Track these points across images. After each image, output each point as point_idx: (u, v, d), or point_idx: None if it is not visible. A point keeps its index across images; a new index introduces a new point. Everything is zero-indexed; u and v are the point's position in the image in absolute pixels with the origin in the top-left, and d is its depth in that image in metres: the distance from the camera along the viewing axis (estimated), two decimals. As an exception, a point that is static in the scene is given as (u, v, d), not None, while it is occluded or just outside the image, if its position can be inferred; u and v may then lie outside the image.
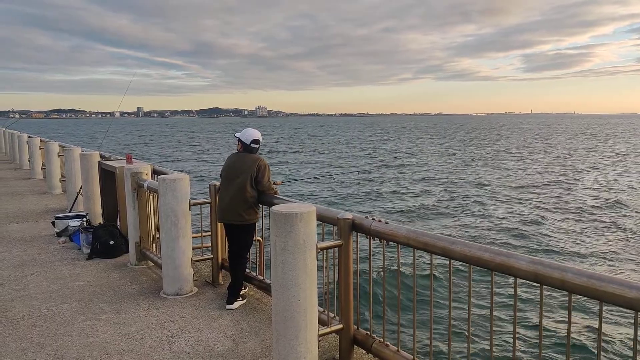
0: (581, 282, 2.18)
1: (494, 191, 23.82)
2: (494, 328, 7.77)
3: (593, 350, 7.33)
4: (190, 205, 4.89)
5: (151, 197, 5.68)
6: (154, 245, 5.80)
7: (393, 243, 3.22)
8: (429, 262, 2.97)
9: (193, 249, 5.13)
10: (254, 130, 4.76)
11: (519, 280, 2.49)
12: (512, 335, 2.72)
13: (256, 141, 4.71)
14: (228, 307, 4.52)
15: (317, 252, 3.23)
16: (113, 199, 7.07)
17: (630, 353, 7.25)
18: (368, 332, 3.55)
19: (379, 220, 3.36)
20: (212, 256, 5.28)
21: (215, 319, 4.27)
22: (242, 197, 4.50)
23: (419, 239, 3.05)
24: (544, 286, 2.37)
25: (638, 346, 2.10)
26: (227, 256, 5.23)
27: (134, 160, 6.93)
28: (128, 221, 6.07)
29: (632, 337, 2.17)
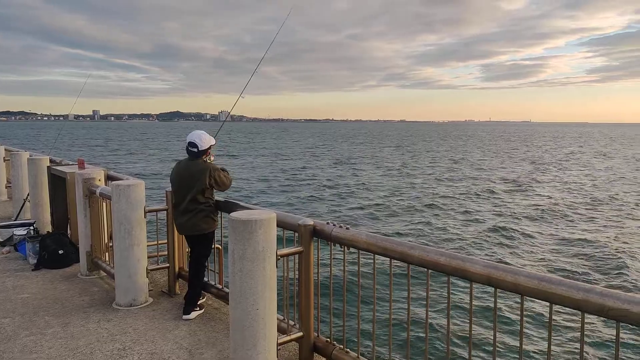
0: (532, 285, 2.23)
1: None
2: (451, 331, 7.93)
3: (544, 350, 7.56)
4: (145, 212, 4.73)
5: (104, 203, 5.46)
6: (107, 254, 5.57)
7: (354, 249, 3.22)
8: (396, 268, 2.98)
9: (149, 257, 4.96)
10: (196, 132, 4.49)
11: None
12: (468, 339, 2.76)
13: (193, 144, 4.39)
14: (185, 317, 4.39)
15: (277, 259, 3.19)
16: (63, 206, 6.76)
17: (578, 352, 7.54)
18: (328, 340, 3.52)
19: (340, 226, 3.35)
20: (168, 265, 5.12)
21: (171, 330, 4.14)
22: (197, 208, 4.35)
23: (379, 244, 3.06)
24: (498, 289, 2.42)
25: (585, 346, 2.16)
26: (184, 264, 5.09)
27: (86, 165, 6.66)
28: (79, 229, 5.81)
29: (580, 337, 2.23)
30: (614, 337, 2.09)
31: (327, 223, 3.41)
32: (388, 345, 3.30)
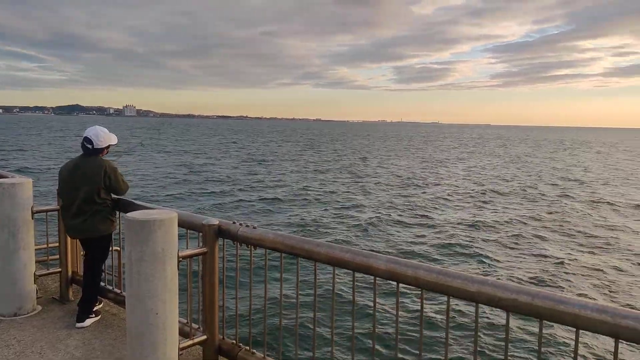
0: (431, 279, 2.32)
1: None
2: (356, 327, 8.13)
3: (442, 342, 8.00)
4: (33, 213, 4.31)
5: (-16, 204, 4.90)
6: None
7: (261, 248, 3.16)
8: (311, 267, 2.97)
9: (37, 262, 4.53)
10: (95, 127, 4.21)
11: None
12: (372, 334, 2.82)
13: (88, 140, 4.09)
14: (78, 325, 4.06)
15: (179, 261, 3.04)
16: None
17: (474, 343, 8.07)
18: (234, 341, 3.43)
19: (247, 225, 3.27)
20: (60, 269, 4.71)
21: (62, 340, 3.80)
22: (93, 209, 4.04)
23: (286, 243, 3.03)
24: (400, 283, 2.49)
25: (481, 336, 2.29)
26: (79, 268, 4.71)
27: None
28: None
29: (476, 328, 2.36)
30: (504, 326, 2.23)
31: (233, 222, 3.31)
32: (294, 345, 3.28)
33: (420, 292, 2.45)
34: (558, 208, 21.59)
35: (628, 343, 1.85)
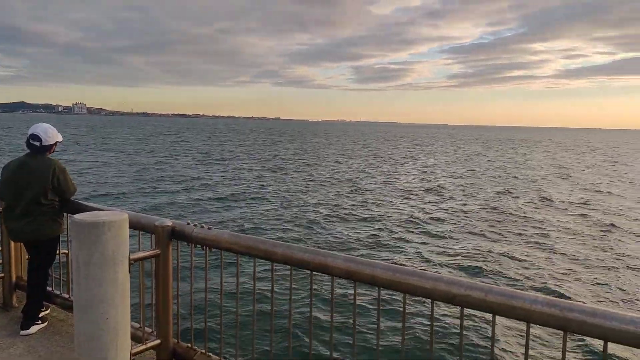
0: (387, 277, 2.33)
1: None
2: (314, 326, 8.13)
3: (399, 338, 8.06)
4: (-29, 215, 4.05)
5: None
6: None
7: (217, 249, 3.10)
8: (269, 268, 2.91)
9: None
10: (42, 124, 4.04)
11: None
12: (330, 333, 2.82)
13: (35, 137, 3.89)
14: (23, 332, 3.85)
15: (131, 264, 2.93)
16: None
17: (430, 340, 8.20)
18: (189, 345, 3.34)
19: (202, 226, 3.19)
20: (2, 275, 4.45)
21: (5, 349, 3.60)
22: (39, 210, 3.85)
23: (242, 243, 2.98)
24: (358, 282, 2.49)
25: (437, 333, 2.33)
26: (23, 273, 4.47)
27: None
28: None
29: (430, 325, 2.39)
30: (459, 323, 2.27)
31: (188, 223, 3.23)
32: (251, 346, 3.23)
33: (377, 290, 2.45)
34: (497, 203, 22.60)
35: (576, 335, 1.92)
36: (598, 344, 7.52)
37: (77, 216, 2.73)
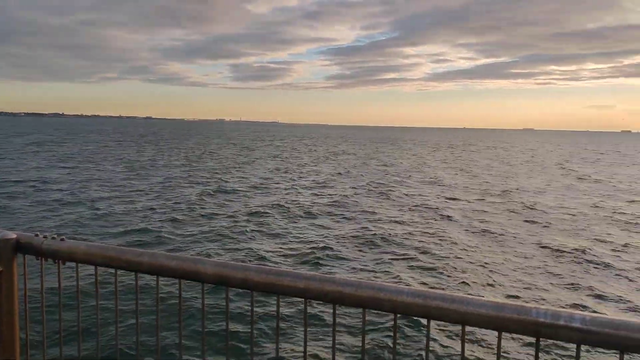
0: (260, 279, 2.27)
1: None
2: (185, 336, 7.77)
3: (273, 339, 7.93)
4: None
5: None
6: None
7: (72, 262, 2.77)
8: (134, 279, 2.66)
9: None
10: None
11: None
12: (202, 340, 2.67)
13: None
14: None
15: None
16: None
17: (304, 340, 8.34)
18: (41, 372, 2.95)
19: (53, 237, 2.83)
20: None
21: None
22: None
23: (103, 254, 2.69)
24: (230, 288, 2.40)
25: (311, 332, 2.32)
26: None
27: None
28: None
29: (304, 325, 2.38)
30: (332, 320, 2.29)
31: (36, 235, 2.84)
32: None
33: (250, 294, 2.38)
34: (342, 198, 24.15)
35: (437, 322, 2.04)
36: (458, 329, 8.22)
37: None
